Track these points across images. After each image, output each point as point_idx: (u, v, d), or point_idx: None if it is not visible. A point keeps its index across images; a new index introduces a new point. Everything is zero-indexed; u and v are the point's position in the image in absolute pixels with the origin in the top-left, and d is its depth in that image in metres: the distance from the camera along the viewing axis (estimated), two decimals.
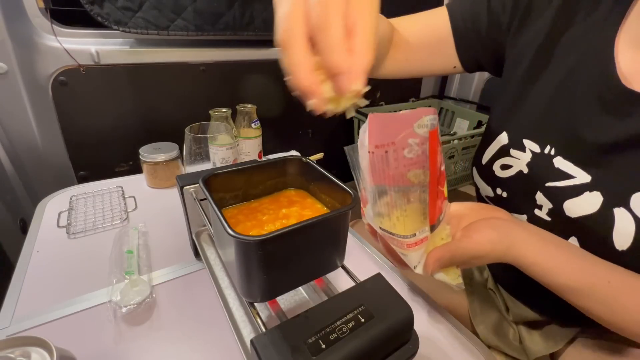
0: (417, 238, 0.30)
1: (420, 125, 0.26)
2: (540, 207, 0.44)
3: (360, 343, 0.27)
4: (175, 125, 0.70)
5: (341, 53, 0.23)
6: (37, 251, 0.54)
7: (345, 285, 0.34)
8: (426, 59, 0.54)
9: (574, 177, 0.40)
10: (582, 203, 0.39)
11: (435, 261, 0.33)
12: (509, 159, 0.47)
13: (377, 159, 0.26)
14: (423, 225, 0.30)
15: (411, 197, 0.28)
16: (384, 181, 0.27)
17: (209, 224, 0.41)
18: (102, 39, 0.94)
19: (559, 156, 0.42)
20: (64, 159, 1.00)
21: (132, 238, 0.55)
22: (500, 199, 0.49)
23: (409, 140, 0.26)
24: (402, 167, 0.27)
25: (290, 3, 0.24)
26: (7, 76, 0.87)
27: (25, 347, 0.30)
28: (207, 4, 0.95)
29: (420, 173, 0.27)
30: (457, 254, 0.33)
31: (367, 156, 0.27)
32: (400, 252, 0.32)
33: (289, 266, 0.33)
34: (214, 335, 0.41)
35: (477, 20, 0.48)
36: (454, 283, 0.34)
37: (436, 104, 1.68)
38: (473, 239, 0.34)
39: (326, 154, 0.42)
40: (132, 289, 0.44)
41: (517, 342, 0.52)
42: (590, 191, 0.39)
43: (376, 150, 0.26)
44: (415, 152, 0.27)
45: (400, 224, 0.29)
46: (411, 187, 0.28)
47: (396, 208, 0.29)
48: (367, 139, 0.26)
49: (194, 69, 1.05)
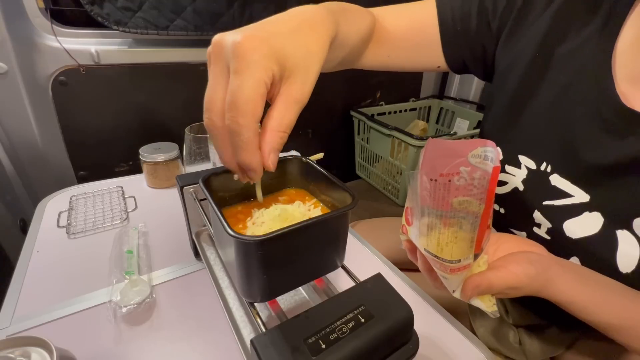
0: (462, 264, 0.30)
1: (474, 155, 0.26)
2: (539, 226, 0.43)
3: (360, 343, 0.27)
4: (175, 125, 0.70)
5: (247, 154, 0.26)
6: (37, 251, 0.54)
7: (345, 285, 0.34)
8: (410, 56, 0.51)
9: (571, 195, 0.40)
10: (583, 224, 0.39)
11: (474, 288, 0.32)
12: (504, 175, 0.46)
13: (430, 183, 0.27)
14: (469, 253, 0.30)
15: (463, 225, 0.28)
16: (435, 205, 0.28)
17: (209, 224, 0.41)
18: (102, 39, 0.94)
19: (556, 174, 0.41)
20: (64, 159, 1.00)
21: (132, 238, 0.55)
22: (498, 215, 0.48)
23: (461, 168, 0.26)
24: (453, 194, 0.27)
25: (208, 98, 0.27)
26: (7, 76, 0.87)
27: (25, 347, 0.30)
28: (207, 4, 0.95)
29: (472, 202, 0.28)
30: (495, 284, 0.32)
31: (421, 179, 0.28)
32: (441, 275, 0.32)
33: (289, 266, 0.33)
34: (214, 335, 0.41)
35: (467, 20, 0.46)
36: (489, 310, 0.33)
37: (436, 104, 1.68)
38: (511, 270, 0.32)
39: (326, 154, 0.42)
40: (132, 289, 0.44)
41: (517, 345, 0.52)
42: (590, 211, 0.38)
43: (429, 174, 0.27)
44: (466, 181, 0.27)
45: (448, 249, 0.29)
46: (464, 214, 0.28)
47: (446, 234, 0.29)
48: (421, 162, 0.27)
49: (194, 69, 1.05)
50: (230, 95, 0.25)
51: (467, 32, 0.47)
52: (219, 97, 0.26)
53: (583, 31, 0.39)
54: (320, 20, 0.31)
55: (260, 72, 0.25)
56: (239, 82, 0.25)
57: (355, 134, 1.53)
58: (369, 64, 0.51)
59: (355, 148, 1.57)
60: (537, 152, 0.43)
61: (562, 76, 0.40)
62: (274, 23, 0.29)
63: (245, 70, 0.25)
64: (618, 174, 0.36)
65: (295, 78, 0.27)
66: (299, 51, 0.27)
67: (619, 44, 0.37)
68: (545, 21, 0.41)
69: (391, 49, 0.50)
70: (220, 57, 0.26)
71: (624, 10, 0.37)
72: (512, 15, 0.43)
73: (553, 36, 0.41)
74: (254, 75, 0.25)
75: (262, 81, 0.25)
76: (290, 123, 0.27)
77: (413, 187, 0.29)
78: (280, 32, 0.27)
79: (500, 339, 0.53)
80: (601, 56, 0.37)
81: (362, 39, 0.45)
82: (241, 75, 0.25)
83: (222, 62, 0.26)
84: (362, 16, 0.44)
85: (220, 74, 0.27)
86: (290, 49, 0.27)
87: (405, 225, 0.34)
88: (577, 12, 0.39)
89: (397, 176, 1.38)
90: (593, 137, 0.38)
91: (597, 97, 0.37)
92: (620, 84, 0.36)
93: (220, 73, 0.27)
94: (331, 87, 1.38)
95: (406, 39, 0.50)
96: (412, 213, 0.31)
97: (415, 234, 0.31)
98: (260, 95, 0.25)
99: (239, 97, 0.25)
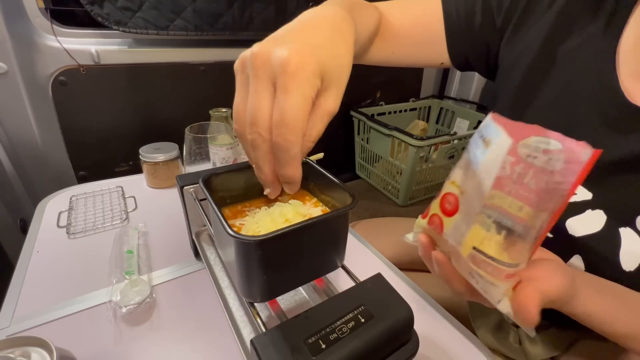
0: (517, 269, 0.26)
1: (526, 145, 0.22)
2: None
3: (360, 343, 0.27)
4: (175, 125, 0.70)
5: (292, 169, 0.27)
6: (37, 251, 0.54)
7: (345, 285, 0.34)
8: (414, 52, 0.52)
9: (574, 193, 0.40)
10: (585, 221, 0.38)
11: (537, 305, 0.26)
12: None
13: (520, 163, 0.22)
14: (527, 258, 0.26)
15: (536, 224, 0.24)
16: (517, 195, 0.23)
17: (209, 224, 0.41)
18: (102, 39, 0.94)
19: None
20: (64, 158, 1.00)
21: (132, 238, 0.55)
22: None
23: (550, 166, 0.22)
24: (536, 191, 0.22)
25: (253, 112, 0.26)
26: (7, 76, 0.87)
27: (25, 347, 0.30)
28: (207, 4, 0.95)
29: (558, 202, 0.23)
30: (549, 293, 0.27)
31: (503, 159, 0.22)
32: (489, 281, 0.26)
33: (289, 266, 0.33)
34: (214, 335, 0.41)
35: (472, 15, 0.47)
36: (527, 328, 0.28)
37: (436, 103, 1.68)
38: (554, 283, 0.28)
39: (326, 154, 0.42)
40: (132, 289, 0.44)
41: (517, 345, 0.52)
42: (593, 209, 0.38)
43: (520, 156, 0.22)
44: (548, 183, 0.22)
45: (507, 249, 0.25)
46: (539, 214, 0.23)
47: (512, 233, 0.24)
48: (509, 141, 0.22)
49: (194, 69, 1.05)
50: (279, 113, 0.25)
51: (471, 29, 0.47)
52: (265, 113, 0.26)
53: (586, 29, 0.39)
54: (347, 26, 0.31)
55: (308, 90, 0.25)
56: (291, 100, 0.25)
57: (355, 134, 1.53)
58: (373, 60, 0.51)
59: (355, 148, 1.57)
60: None
61: (566, 73, 0.40)
62: (309, 31, 0.28)
63: (295, 89, 0.25)
64: (621, 171, 0.36)
65: (330, 91, 0.27)
66: (336, 64, 0.28)
67: (622, 41, 0.37)
68: (549, 19, 0.41)
69: (395, 44, 0.50)
70: (265, 71, 0.26)
71: (627, 8, 0.37)
72: (517, 12, 0.44)
73: (557, 34, 0.41)
74: (303, 93, 0.25)
75: (310, 98, 0.25)
76: (319, 134, 0.27)
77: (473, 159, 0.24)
78: (320, 44, 0.27)
79: (500, 339, 0.53)
80: (605, 53, 0.37)
81: (370, 36, 0.45)
82: (291, 93, 0.25)
83: (267, 77, 0.26)
84: (370, 12, 0.44)
85: (265, 89, 0.26)
86: (329, 62, 0.27)
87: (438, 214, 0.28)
88: (580, 10, 0.40)
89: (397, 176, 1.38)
90: (596, 134, 0.38)
91: (601, 94, 0.37)
92: (624, 81, 0.36)
93: (265, 88, 0.26)
94: None
95: (411, 35, 0.50)
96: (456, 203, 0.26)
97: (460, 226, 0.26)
98: (307, 113, 0.26)
99: (290, 115, 0.25)
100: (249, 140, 0.27)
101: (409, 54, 0.52)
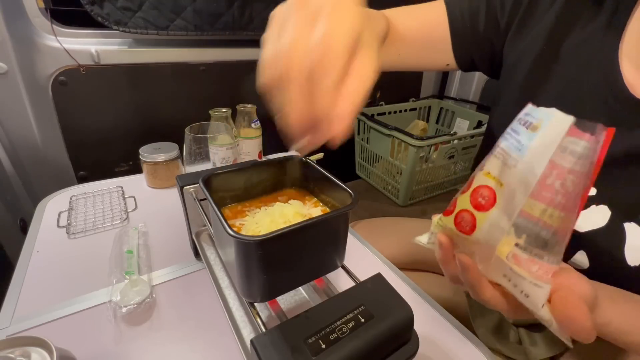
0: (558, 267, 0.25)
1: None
2: None
3: (360, 343, 0.27)
4: (175, 125, 0.70)
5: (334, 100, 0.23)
6: (37, 251, 0.54)
7: (345, 285, 0.34)
8: (420, 55, 0.52)
9: None
10: (590, 217, 0.38)
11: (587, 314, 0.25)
12: None
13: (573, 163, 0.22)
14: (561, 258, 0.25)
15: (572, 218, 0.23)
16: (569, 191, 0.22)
17: (209, 224, 0.41)
18: (102, 39, 0.94)
19: None
20: (64, 159, 1.00)
21: (132, 238, 0.55)
22: None
23: None
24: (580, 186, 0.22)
25: (291, 40, 0.23)
26: (7, 76, 0.87)
27: (25, 347, 0.30)
28: (207, 3, 0.95)
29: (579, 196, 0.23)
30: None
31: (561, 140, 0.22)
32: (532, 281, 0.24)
33: (289, 266, 0.33)
34: (214, 335, 0.41)
35: (476, 17, 0.48)
36: None
37: (436, 103, 1.68)
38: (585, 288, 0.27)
39: (326, 154, 0.42)
40: (132, 289, 0.44)
41: (517, 345, 0.52)
42: (597, 204, 0.38)
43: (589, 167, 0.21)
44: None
45: None
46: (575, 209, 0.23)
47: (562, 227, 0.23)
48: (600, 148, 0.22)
49: (194, 69, 1.05)
50: (320, 34, 0.22)
51: (476, 29, 0.48)
52: (302, 44, 0.23)
53: (589, 25, 0.39)
54: None
55: (355, 21, 0.23)
56: (334, 23, 0.23)
57: (355, 134, 1.53)
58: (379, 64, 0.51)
59: (355, 148, 1.57)
60: None
61: (569, 69, 0.40)
62: None
63: (341, 15, 0.23)
64: (626, 165, 0.36)
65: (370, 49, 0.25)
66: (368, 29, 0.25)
67: (625, 36, 0.37)
68: (552, 16, 0.42)
69: (401, 49, 0.51)
70: (307, 3, 0.24)
71: (630, 3, 0.37)
72: (520, 10, 0.44)
73: (560, 30, 0.41)
74: (351, 20, 0.23)
75: (355, 32, 0.23)
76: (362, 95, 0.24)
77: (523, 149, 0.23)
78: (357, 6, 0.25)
79: (500, 339, 0.53)
80: (608, 49, 0.37)
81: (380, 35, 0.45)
82: (337, 16, 0.23)
83: (308, 10, 0.24)
84: (379, 21, 0.44)
85: (305, 21, 0.23)
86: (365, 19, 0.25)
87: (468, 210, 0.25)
88: (583, 6, 0.40)
89: (397, 176, 1.38)
90: None
91: (605, 89, 0.37)
92: (628, 76, 0.36)
93: (305, 19, 0.23)
94: None
95: (417, 39, 0.51)
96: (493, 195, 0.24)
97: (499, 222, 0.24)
98: (351, 46, 0.23)
99: (333, 35, 0.22)
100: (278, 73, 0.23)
101: (415, 57, 0.52)
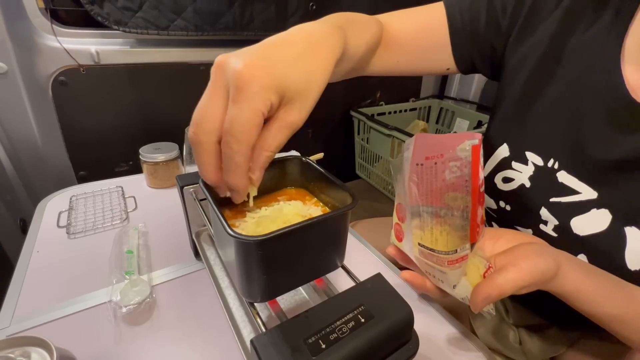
0: (459, 255, 0.30)
1: (462, 149, 0.27)
2: (545, 223, 0.43)
3: (360, 343, 0.27)
4: (175, 125, 0.70)
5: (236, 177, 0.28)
6: (37, 251, 0.54)
7: (345, 285, 0.34)
8: (419, 59, 0.51)
9: (579, 192, 0.39)
10: (590, 221, 0.38)
11: (484, 299, 0.30)
12: (511, 172, 0.45)
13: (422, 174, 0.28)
14: (464, 243, 0.29)
15: (455, 213, 0.28)
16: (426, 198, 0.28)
17: (209, 224, 0.41)
18: (102, 39, 0.94)
19: (563, 170, 0.41)
20: (64, 159, 1.00)
21: (132, 238, 0.55)
22: (503, 212, 0.48)
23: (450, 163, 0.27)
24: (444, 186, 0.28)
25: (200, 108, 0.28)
26: (7, 76, 0.87)
27: (25, 347, 0.30)
28: (207, 4, 0.95)
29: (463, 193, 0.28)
30: (506, 288, 0.30)
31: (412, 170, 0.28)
32: (439, 270, 0.31)
33: (289, 266, 0.33)
34: (214, 335, 0.41)
35: (476, 19, 0.47)
36: (485, 310, 0.32)
37: (436, 103, 1.68)
38: (522, 268, 0.30)
39: (326, 154, 0.42)
40: (132, 289, 0.44)
41: (517, 345, 0.52)
42: (598, 208, 0.38)
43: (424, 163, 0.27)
44: (456, 175, 0.27)
45: (443, 240, 0.29)
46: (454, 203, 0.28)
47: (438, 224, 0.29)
48: (411, 154, 0.28)
49: (194, 69, 1.05)
50: (227, 122, 0.26)
51: (476, 32, 0.47)
52: (209, 115, 0.27)
53: (592, 28, 0.39)
54: (324, 42, 0.31)
55: (257, 104, 0.26)
56: (237, 112, 0.26)
57: (355, 134, 1.53)
58: (377, 70, 0.51)
59: (355, 148, 1.57)
60: (545, 148, 0.42)
61: (571, 72, 0.40)
62: (278, 47, 0.29)
63: (244, 101, 0.25)
64: (627, 169, 0.36)
65: (293, 105, 0.28)
66: (300, 79, 0.28)
67: (627, 39, 0.37)
68: (556, 18, 0.41)
69: (400, 53, 0.50)
70: (221, 79, 0.27)
71: (632, 6, 0.37)
72: (523, 13, 0.44)
73: (563, 32, 0.41)
74: (251, 106, 0.25)
75: (260, 112, 0.26)
76: (279, 145, 0.28)
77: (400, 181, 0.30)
78: (283, 58, 0.28)
79: (500, 339, 0.53)
80: (610, 52, 0.37)
81: (370, 49, 0.45)
82: (239, 105, 0.25)
83: (222, 84, 0.27)
84: (369, 26, 0.44)
85: (216, 94, 0.27)
86: (292, 77, 0.27)
87: (398, 223, 0.33)
88: (586, 9, 0.40)
89: None
90: (601, 133, 0.38)
91: (606, 92, 0.37)
92: (630, 79, 0.36)
93: (217, 93, 0.27)
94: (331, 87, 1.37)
95: (415, 43, 0.50)
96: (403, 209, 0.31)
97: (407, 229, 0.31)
98: (256, 125, 0.26)
99: (236, 125, 0.26)
100: (193, 140, 0.28)
101: (415, 61, 0.51)
